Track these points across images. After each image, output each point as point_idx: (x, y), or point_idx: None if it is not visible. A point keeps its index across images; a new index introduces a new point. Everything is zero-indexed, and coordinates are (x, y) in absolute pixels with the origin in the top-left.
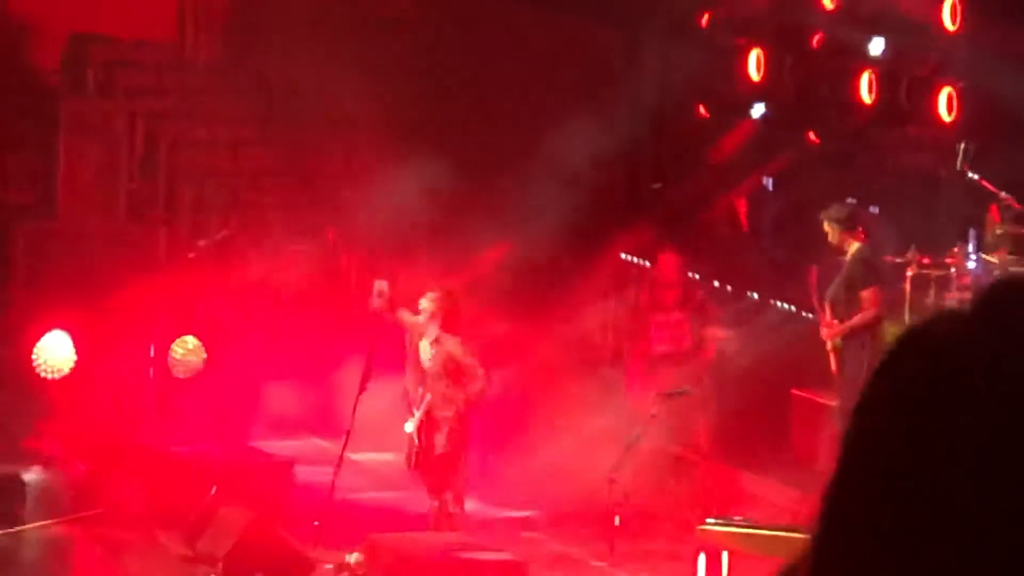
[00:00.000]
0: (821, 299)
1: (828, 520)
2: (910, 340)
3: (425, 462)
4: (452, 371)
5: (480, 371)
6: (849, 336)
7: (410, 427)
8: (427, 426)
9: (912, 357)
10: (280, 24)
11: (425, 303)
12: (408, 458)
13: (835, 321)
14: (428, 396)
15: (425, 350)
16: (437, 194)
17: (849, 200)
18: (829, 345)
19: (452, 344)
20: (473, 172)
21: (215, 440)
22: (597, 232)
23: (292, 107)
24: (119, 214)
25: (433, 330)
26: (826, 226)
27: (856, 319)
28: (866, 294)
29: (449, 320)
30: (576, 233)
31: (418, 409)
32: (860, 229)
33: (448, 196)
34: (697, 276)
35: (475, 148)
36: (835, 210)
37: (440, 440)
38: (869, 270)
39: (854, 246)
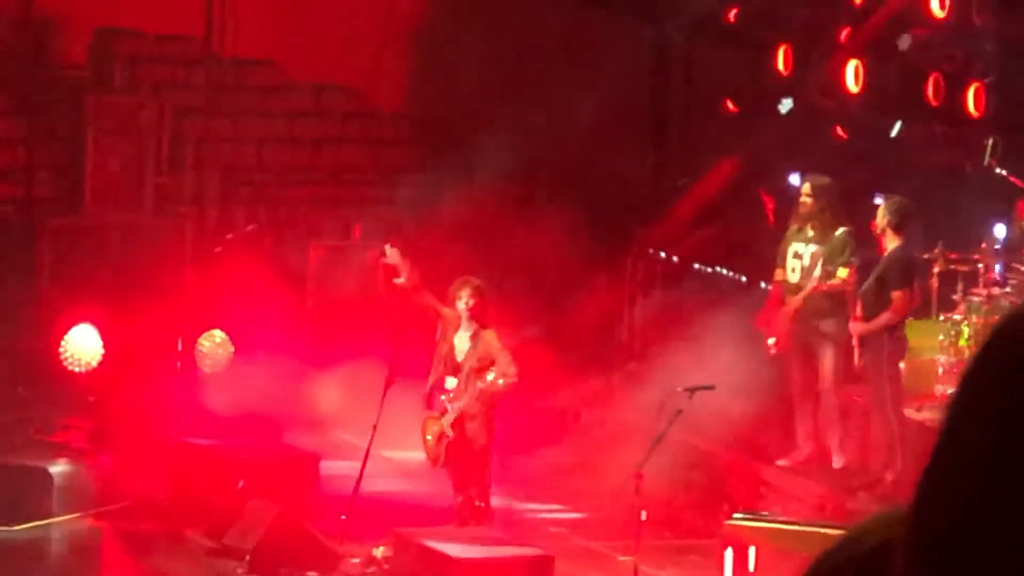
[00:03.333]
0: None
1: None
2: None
3: (457, 455)
4: (488, 365)
5: (513, 367)
6: (872, 332)
7: (448, 420)
8: (460, 420)
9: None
10: (306, 18)
11: (461, 303)
12: (430, 454)
13: (862, 317)
14: (468, 390)
15: (462, 343)
16: (463, 190)
17: (879, 196)
18: (855, 340)
19: (491, 337)
20: (499, 169)
21: (242, 434)
22: (624, 227)
23: (319, 102)
24: (146, 208)
25: (471, 324)
26: (883, 213)
27: (883, 318)
28: (897, 295)
29: (482, 314)
30: (603, 228)
31: (455, 403)
32: (904, 229)
33: (474, 192)
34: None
35: (500, 145)
36: (899, 203)
37: (472, 433)
38: (905, 272)
39: (895, 243)
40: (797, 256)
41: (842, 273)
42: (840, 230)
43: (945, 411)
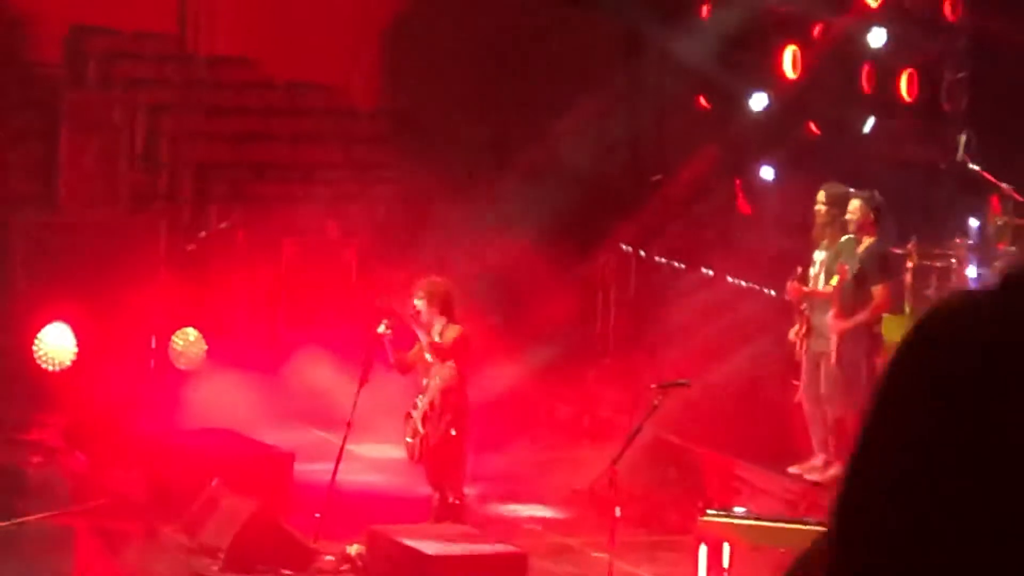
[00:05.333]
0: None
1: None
2: (938, 315)
3: (430, 452)
4: (454, 359)
5: (449, 363)
6: (853, 329)
7: (417, 416)
8: (431, 415)
9: (942, 332)
10: (281, 15)
11: (417, 301)
12: (409, 451)
13: (841, 313)
14: (433, 384)
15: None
16: (437, 185)
17: (854, 191)
18: (834, 338)
19: (452, 332)
20: (474, 163)
21: (216, 432)
22: (598, 222)
23: (294, 99)
24: (120, 206)
25: (440, 321)
26: (855, 208)
27: (864, 314)
28: (877, 290)
29: (448, 307)
30: (577, 223)
31: (422, 399)
32: (879, 225)
33: (448, 189)
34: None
35: (475, 139)
36: (873, 198)
37: (443, 429)
38: (884, 266)
39: (868, 240)
40: (813, 264)
41: (834, 281)
42: (845, 238)
43: (860, 425)
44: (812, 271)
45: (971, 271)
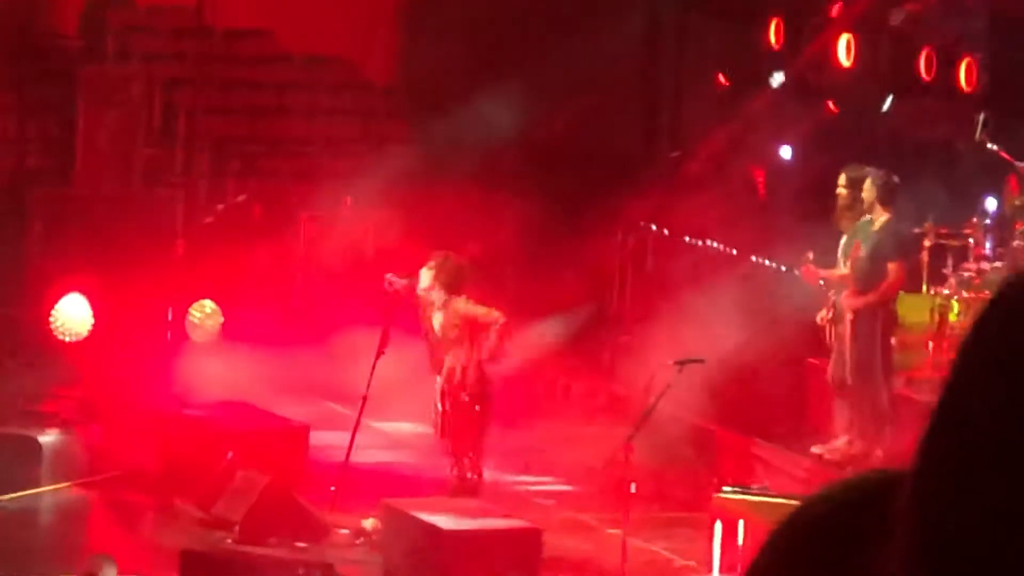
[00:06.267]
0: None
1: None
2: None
3: (452, 425)
4: (468, 331)
5: (495, 313)
6: (867, 306)
7: (437, 393)
8: (450, 390)
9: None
10: None
11: (424, 272)
12: (435, 426)
13: (856, 291)
14: (448, 363)
15: (437, 319)
16: (454, 162)
17: (867, 169)
18: (849, 315)
19: (460, 303)
20: (490, 141)
21: (231, 405)
22: (615, 199)
23: (311, 73)
24: (136, 179)
25: (440, 295)
26: (868, 186)
27: (879, 291)
28: (893, 267)
29: (454, 283)
30: (595, 200)
31: (438, 377)
32: (893, 203)
33: (465, 164)
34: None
35: (491, 117)
36: (882, 176)
37: (467, 403)
38: (899, 243)
39: (884, 217)
40: (840, 248)
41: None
42: (863, 219)
43: (950, 364)
44: (839, 255)
45: (988, 251)
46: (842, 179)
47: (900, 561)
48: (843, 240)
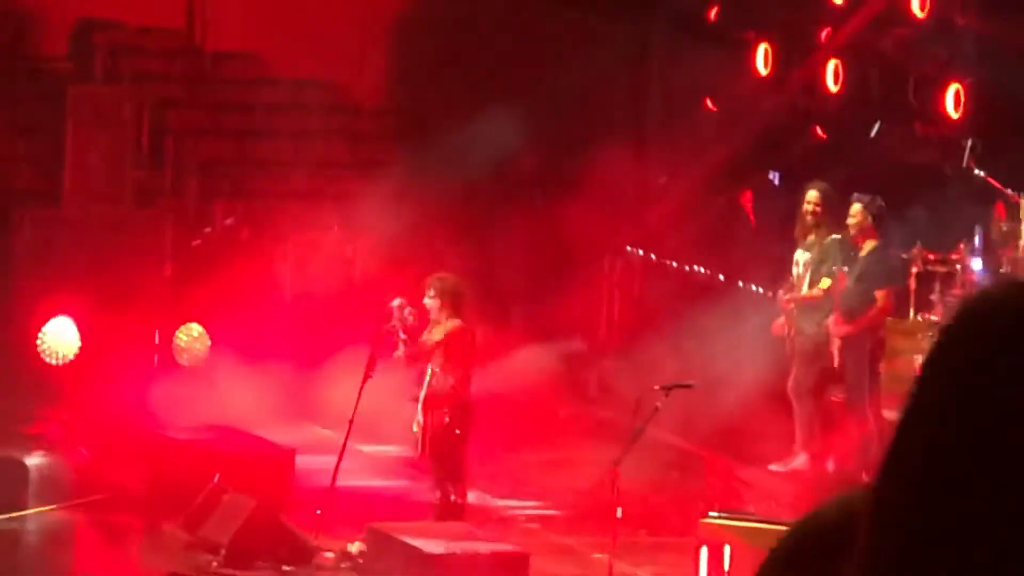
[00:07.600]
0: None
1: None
2: (983, 303)
3: (432, 447)
4: (450, 352)
5: (450, 377)
6: (856, 333)
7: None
8: (429, 407)
9: (986, 320)
10: (287, 11)
11: (428, 300)
12: (415, 442)
13: (844, 317)
14: (428, 376)
15: (436, 334)
16: (442, 186)
17: (855, 195)
18: (837, 342)
19: (444, 329)
20: (478, 165)
21: (218, 428)
22: (603, 224)
23: (300, 96)
24: (125, 201)
25: (439, 317)
26: (856, 212)
27: (868, 317)
28: (881, 294)
29: (457, 302)
30: (582, 225)
31: (419, 395)
32: (881, 229)
33: (453, 188)
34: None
35: (480, 141)
36: (873, 202)
37: (445, 425)
38: (887, 270)
39: (871, 244)
40: (796, 264)
41: (824, 283)
42: (830, 238)
43: (913, 379)
44: (795, 271)
45: (975, 277)
46: (814, 195)
47: (857, 568)
48: (806, 257)
